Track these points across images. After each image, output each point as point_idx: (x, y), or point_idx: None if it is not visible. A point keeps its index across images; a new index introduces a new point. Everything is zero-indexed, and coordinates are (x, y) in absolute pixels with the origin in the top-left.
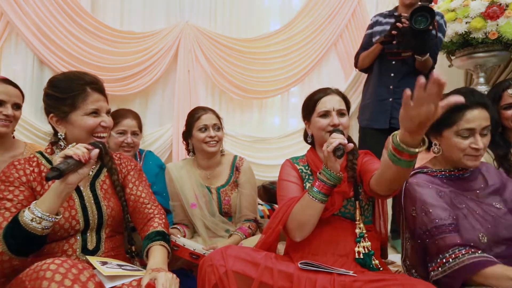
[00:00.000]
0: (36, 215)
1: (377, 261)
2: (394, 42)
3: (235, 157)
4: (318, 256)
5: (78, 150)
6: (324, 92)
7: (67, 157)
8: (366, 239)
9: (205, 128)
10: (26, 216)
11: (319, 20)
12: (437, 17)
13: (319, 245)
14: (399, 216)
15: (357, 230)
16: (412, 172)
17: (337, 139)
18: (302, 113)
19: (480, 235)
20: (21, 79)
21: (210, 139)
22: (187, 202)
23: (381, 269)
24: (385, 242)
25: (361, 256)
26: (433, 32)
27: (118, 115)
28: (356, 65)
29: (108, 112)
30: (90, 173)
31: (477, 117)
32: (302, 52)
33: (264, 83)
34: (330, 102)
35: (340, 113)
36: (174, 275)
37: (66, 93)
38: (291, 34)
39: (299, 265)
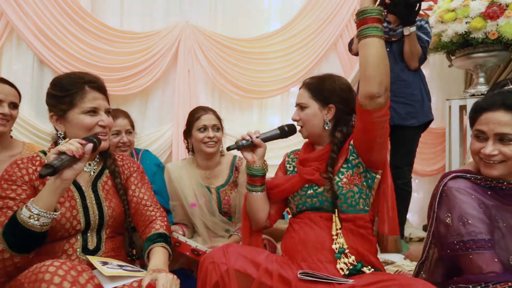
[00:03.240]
0: (33, 212)
1: (367, 268)
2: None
3: (235, 157)
4: (307, 262)
5: (71, 145)
6: (301, 85)
7: (60, 153)
8: (348, 255)
9: (204, 128)
10: (24, 214)
11: (319, 20)
12: (422, 22)
13: (304, 249)
14: (429, 219)
15: (334, 246)
16: (452, 175)
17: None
18: None
19: (511, 258)
20: (21, 79)
21: (208, 140)
22: (187, 202)
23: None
24: (395, 230)
25: (346, 272)
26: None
27: None
28: (350, 49)
29: (108, 112)
30: (92, 173)
31: (491, 120)
32: (302, 52)
33: (264, 83)
34: (298, 97)
35: (301, 107)
36: (175, 276)
37: (64, 91)
38: (291, 34)
39: (298, 275)
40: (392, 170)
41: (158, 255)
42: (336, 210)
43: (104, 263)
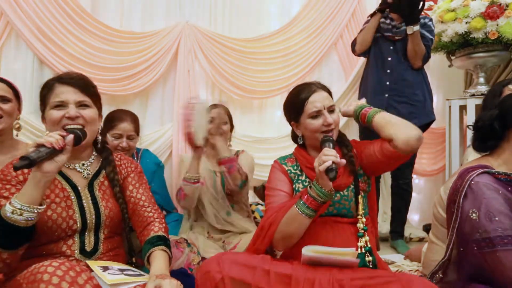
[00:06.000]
0: (15, 207)
1: (371, 258)
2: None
3: (238, 150)
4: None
5: (50, 138)
6: (309, 89)
7: (39, 145)
8: (366, 234)
9: (212, 120)
10: (7, 209)
11: (319, 20)
12: (426, 20)
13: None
14: (450, 215)
15: (359, 225)
16: (479, 171)
17: (330, 157)
18: (288, 114)
19: None
20: (21, 79)
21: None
22: None
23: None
24: (376, 234)
25: (363, 250)
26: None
27: (114, 118)
28: (353, 50)
29: (81, 104)
30: (89, 173)
31: None
32: (302, 52)
33: (264, 83)
34: (319, 101)
35: (330, 110)
36: (179, 282)
37: (41, 91)
38: (291, 34)
39: (302, 251)
40: (393, 170)
41: (160, 260)
42: (361, 207)
43: (105, 268)
